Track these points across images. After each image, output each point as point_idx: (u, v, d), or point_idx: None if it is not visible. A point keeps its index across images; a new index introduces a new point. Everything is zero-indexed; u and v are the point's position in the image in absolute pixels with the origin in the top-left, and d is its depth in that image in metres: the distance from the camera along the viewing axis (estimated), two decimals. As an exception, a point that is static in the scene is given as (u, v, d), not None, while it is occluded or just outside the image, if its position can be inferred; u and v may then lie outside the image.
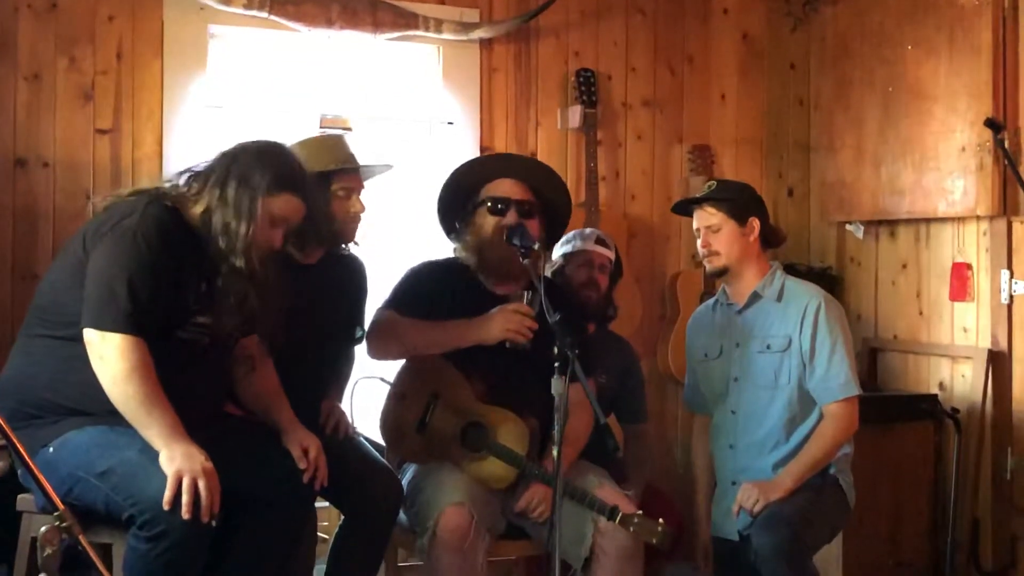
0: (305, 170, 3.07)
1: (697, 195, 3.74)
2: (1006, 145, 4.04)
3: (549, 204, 3.69)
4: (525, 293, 3.45)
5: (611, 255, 4.11)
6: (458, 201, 3.67)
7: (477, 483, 3.41)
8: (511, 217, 3.55)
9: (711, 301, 3.87)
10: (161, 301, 2.80)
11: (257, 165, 2.93)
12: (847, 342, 3.60)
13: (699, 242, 3.69)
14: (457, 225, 3.68)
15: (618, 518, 3.33)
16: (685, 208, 3.78)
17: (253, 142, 3.03)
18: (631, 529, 3.33)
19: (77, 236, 2.92)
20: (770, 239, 3.73)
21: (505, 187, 3.61)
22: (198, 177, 2.96)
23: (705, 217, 3.66)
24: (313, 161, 3.30)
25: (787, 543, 3.32)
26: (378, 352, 3.63)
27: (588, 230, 4.19)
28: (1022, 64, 4.30)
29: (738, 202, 3.65)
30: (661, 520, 3.33)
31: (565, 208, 3.78)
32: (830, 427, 3.54)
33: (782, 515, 3.39)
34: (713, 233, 3.64)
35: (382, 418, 3.63)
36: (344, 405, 3.59)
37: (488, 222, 3.58)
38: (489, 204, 3.59)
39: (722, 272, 3.68)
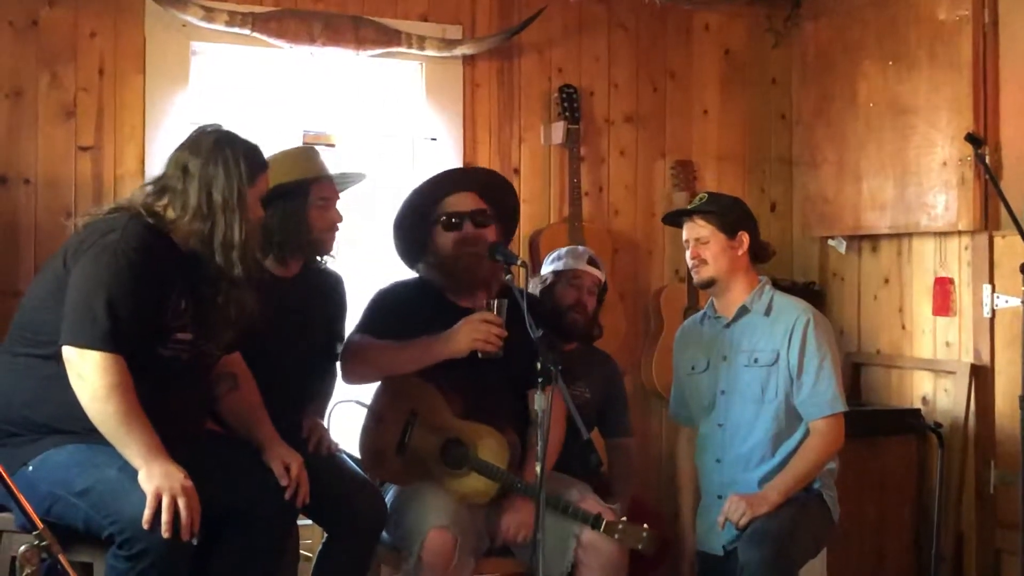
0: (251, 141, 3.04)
1: (688, 207, 3.75)
2: (987, 160, 4.06)
3: (502, 208, 3.73)
4: (492, 302, 3.44)
5: (602, 277, 4.08)
6: (415, 225, 3.68)
7: (460, 502, 3.40)
8: (467, 229, 3.57)
9: (699, 314, 3.86)
10: (141, 318, 2.79)
11: (229, 161, 2.88)
12: (835, 359, 3.60)
13: (688, 253, 3.70)
14: (417, 249, 3.69)
15: (602, 526, 3.33)
16: (675, 219, 3.79)
17: (205, 139, 2.94)
18: (616, 536, 3.33)
19: (58, 253, 2.91)
20: (759, 254, 3.73)
21: (458, 201, 3.63)
22: (173, 197, 2.90)
23: (695, 229, 3.66)
24: (290, 171, 3.32)
25: (774, 558, 3.32)
26: (352, 377, 3.63)
27: (581, 248, 4.17)
28: (1003, 79, 4.33)
29: (728, 216, 3.65)
30: (646, 525, 3.33)
31: (515, 209, 3.86)
32: (817, 443, 3.54)
33: (768, 530, 3.39)
34: (702, 245, 3.64)
35: (361, 442, 3.61)
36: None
37: (447, 239, 3.59)
38: (443, 220, 3.60)
39: (709, 284, 3.68)
